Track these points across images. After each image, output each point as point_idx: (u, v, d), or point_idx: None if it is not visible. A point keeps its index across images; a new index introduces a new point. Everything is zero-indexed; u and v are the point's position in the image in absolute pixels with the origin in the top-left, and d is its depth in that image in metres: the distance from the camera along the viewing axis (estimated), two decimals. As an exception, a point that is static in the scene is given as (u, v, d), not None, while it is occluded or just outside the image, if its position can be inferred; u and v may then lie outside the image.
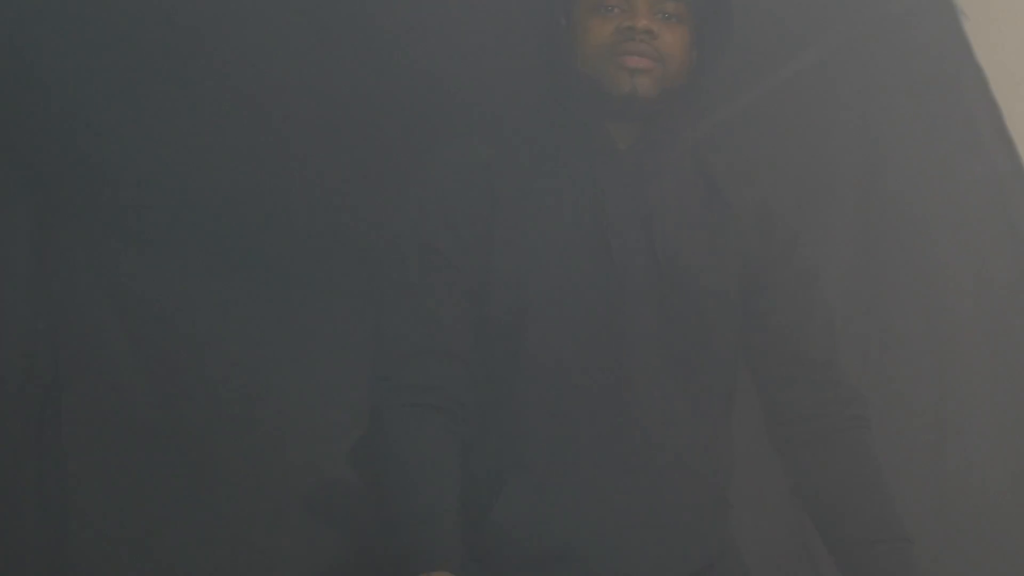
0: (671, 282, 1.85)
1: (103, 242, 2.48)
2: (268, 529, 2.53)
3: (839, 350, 2.02)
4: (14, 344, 2.26)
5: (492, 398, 1.85)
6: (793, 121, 2.65)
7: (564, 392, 1.82)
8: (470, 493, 1.82)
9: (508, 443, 1.83)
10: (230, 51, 2.26)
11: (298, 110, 2.38)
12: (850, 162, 2.61)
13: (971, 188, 2.50)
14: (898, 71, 2.59)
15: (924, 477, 2.44)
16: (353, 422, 2.36)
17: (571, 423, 1.82)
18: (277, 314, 2.57)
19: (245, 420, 2.56)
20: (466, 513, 1.81)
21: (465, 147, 1.93)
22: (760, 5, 2.53)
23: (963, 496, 2.39)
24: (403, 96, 2.35)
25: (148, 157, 2.39)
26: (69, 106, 2.27)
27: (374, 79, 2.35)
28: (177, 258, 2.54)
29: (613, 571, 1.80)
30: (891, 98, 2.58)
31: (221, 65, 2.28)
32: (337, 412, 2.52)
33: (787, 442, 1.97)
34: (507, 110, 2.07)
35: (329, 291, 2.59)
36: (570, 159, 1.89)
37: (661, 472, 1.83)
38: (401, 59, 2.32)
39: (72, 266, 2.43)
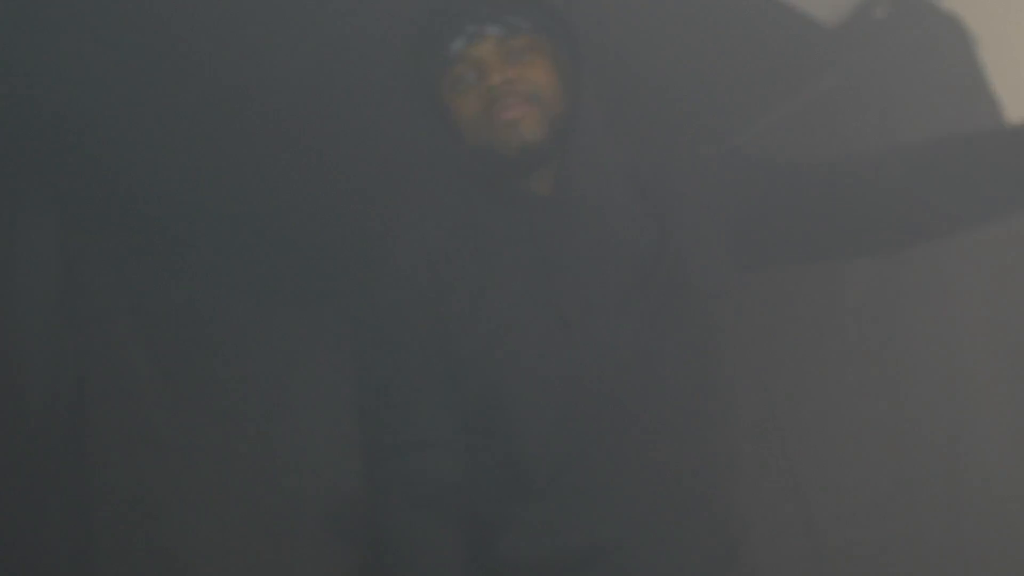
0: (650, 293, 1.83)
1: (127, 259, 2.53)
2: (285, 543, 2.55)
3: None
4: (40, 359, 2.30)
5: (482, 449, 1.86)
6: (810, 146, 2.67)
7: (549, 434, 1.81)
8: (478, 538, 1.84)
9: (505, 485, 1.84)
10: (255, 72, 2.31)
11: (323, 128, 2.43)
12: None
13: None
14: (913, 98, 2.61)
15: (937, 483, 2.45)
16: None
17: (561, 456, 1.81)
18: (297, 330, 2.61)
19: (264, 436, 2.58)
20: (479, 558, 1.83)
21: (415, 233, 1.89)
22: (776, 35, 2.58)
23: (976, 501, 2.39)
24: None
25: (172, 174, 2.45)
26: (94, 123, 2.32)
27: (394, 96, 2.39)
28: (200, 275, 2.58)
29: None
30: (906, 124, 2.60)
31: (245, 84, 2.33)
32: (355, 428, 2.54)
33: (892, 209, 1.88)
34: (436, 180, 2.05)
35: (348, 309, 2.62)
36: (498, 222, 1.86)
37: (656, 486, 1.81)
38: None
39: (96, 282, 2.48)
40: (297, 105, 2.39)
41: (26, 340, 2.29)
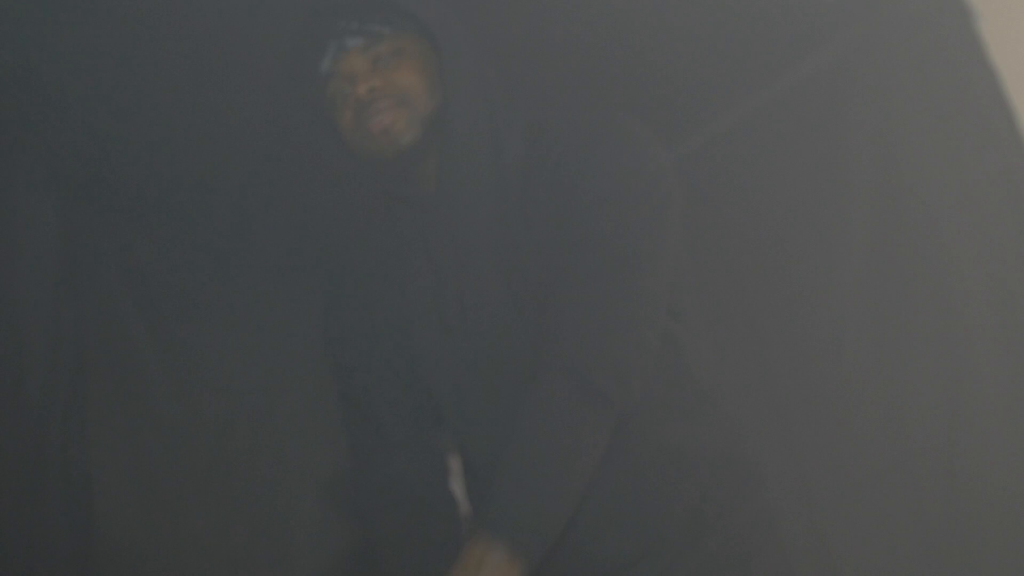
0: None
1: (127, 239, 2.54)
2: (283, 520, 2.58)
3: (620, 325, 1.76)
4: (39, 339, 2.32)
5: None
6: (809, 121, 2.66)
7: (473, 424, 1.87)
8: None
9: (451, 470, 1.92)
10: (248, 56, 2.28)
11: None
12: (865, 162, 2.60)
13: (984, 187, 2.47)
14: (913, 72, 2.57)
15: (936, 475, 2.44)
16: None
17: (492, 444, 1.80)
18: (295, 309, 2.62)
19: (262, 413, 2.61)
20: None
21: (342, 254, 1.97)
22: (776, 7, 2.54)
23: (975, 494, 2.38)
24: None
25: (173, 157, 2.45)
26: (97, 107, 2.32)
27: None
28: (198, 254, 2.60)
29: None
30: (906, 98, 2.57)
31: (239, 67, 2.31)
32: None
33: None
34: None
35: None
36: (393, 226, 1.90)
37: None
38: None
39: (97, 264, 2.49)
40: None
41: (25, 318, 2.30)
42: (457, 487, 1.99)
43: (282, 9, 1.93)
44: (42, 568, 2.21)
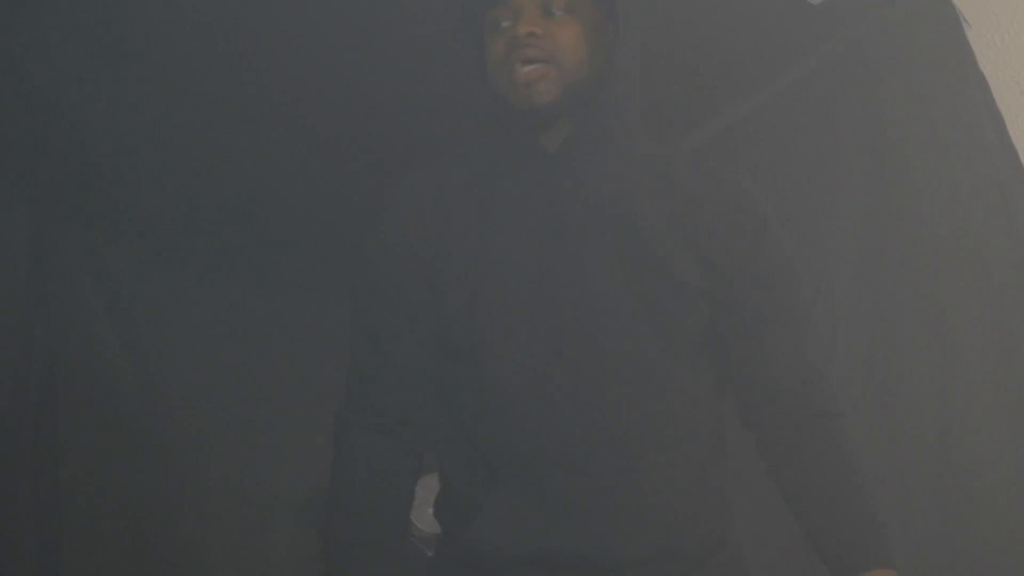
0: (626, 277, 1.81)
1: (100, 248, 2.50)
2: (260, 535, 2.55)
3: (811, 344, 1.92)
4: (11, 349, 2.28)
5: (464, 424, 1.86)
6: (798, 128, 2.66)
7: (526, 408, 1.80)
8: (452, 508, 1.87)
9: (481, 463, 1.84)
10: (228, 57, 2.29)
11: (296, 115, 2.41)
12: (856, 168, 2.61)
13: (974, 194, 2.49)
14: (902, 78, 2.57)
15: (927, 482, 2.43)
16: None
17: (536, 436, 1.79)
18: (271, 321, 2.61)
19: (238, 425, 2.56)
20: (450, 525, 1.87)
21: (414, 189, 1.93)
22: (765, 12, 2.54)
23: (966, 501, 2.37)
24: (401, 103, 2.41)
25: (146, 163, 2.42)
26: (68, 111, 2.30)
27: (372, 87, 2.39)
28: (174, 264, 2.57)
29: (592, 569, 1.78)
30: (895, 105, 2.57)
31: (218, 71, 2.31)
32: (330, 417, 2.50)
33: (759, 442, 1.90)
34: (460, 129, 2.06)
35: (323, 299, 2.61)
36: (504, 172, 1.88)
37: (631, 474, 1.79)
38: (395, 69, 2.38)
39: (69, 272, 2.46)
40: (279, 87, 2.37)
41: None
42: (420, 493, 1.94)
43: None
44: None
